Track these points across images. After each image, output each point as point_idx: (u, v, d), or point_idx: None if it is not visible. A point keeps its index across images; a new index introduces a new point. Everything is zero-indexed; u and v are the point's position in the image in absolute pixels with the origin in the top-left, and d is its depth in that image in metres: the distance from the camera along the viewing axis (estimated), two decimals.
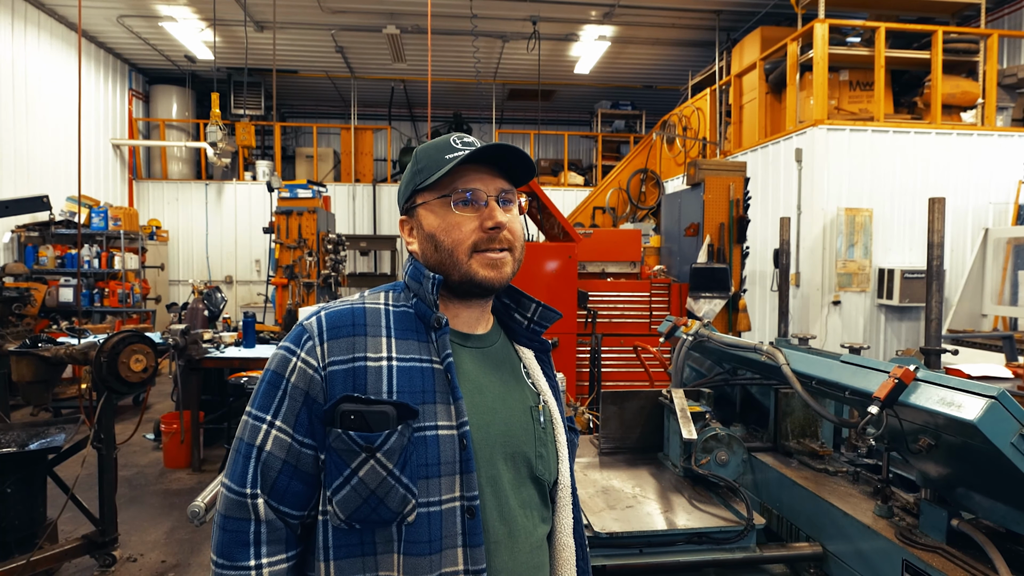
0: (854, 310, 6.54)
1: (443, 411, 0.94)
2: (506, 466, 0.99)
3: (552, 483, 1.07)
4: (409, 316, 1.01)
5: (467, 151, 0.98)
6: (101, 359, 3.38)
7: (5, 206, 3.44)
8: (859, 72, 7.16)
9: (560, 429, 1.09)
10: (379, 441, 0.90)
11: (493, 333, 1.10)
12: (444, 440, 0.93)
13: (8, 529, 3.28)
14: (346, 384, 0.93)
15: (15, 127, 8.42)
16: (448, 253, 1.00)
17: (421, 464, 0.91)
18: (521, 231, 1.05)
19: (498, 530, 0.96)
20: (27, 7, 8.64)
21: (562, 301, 4.95)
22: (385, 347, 0.96)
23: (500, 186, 1.02)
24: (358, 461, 0.90)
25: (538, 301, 1.11)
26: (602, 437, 2.39)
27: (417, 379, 0.95)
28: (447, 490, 0.92)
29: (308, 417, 0.94)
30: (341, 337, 0.95)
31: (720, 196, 5.31)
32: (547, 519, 1.06)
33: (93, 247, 9.06)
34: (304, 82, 12.33)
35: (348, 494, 0.90)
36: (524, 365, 1.11)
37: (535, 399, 1.07)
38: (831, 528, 1.87)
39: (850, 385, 1.70)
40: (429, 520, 0.91)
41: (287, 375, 0.95)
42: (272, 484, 0.93)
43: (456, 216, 1.00)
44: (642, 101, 13.02)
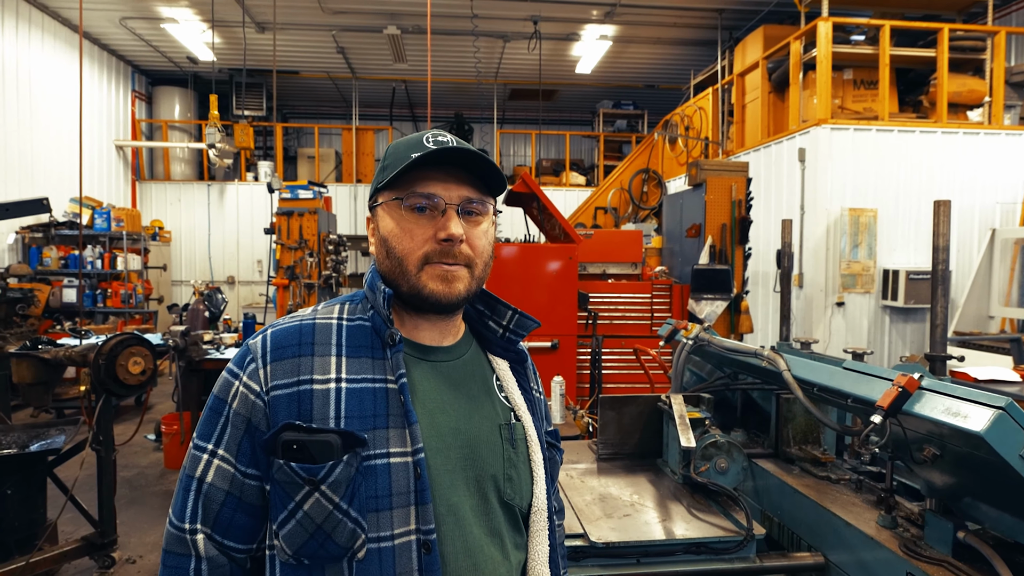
0: (858, 311, 6.49)
1: (396, 437, 0.86)
2: (469, 492, 0.91)
3: (526, 507, 0.97)
4: (365, 330, 0.94)
5: (427, 152, 0.89)
6: (99, 362, 3.37)
7: (5, 208, 3.43)
8: (863, 71, 7.11)
9: (535, 448, 0.99)
10: (323, 473, 0.82)
11: (462, 344, 1.02)
12: (396, 469, 0.85)
13: (8, 530, 3.27)
14: (290, 410, 0.85)
15: (19, 129, 8.43)
16: (398, 262, 0.92)
17: (371, 496, 0.84)
18: (486, 247, 0.95)
19: (461, 563, 0.87)
20: (31, 9, 8.65)
21: (562, 303, 4.92)
22: (334, 367, 0.89)
23: (464, 194, 0.92)
24: (302, 494, 0.83)
25: (515, 308, 1.04)
26: (600, 443, 2.36)
27: (368, 402, 0.87)
28: (400, 523, 0.84)
29: (251, 446, 0.87)
30: (285, 359, 0.88)
31: (722, 197, 5.27)
32: (521, 546, 0.97)
33: (96, 248, 9.07)
34: (305, 83, 12.32)
35: (294, 528, 0.84)
36: (497, 377, 1.03)
37: (506, 415, 0.99)
38: (833, 538, 1.84)
39: (853, 393, 1.67)
40: (380, 556, 0.83)
41: (229, 400, 0.89)
42: (215, 517, 0.88)
43: (409, 222, 0.91)
44: (644, 101, 12.98)
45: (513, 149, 14.78)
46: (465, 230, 0.92)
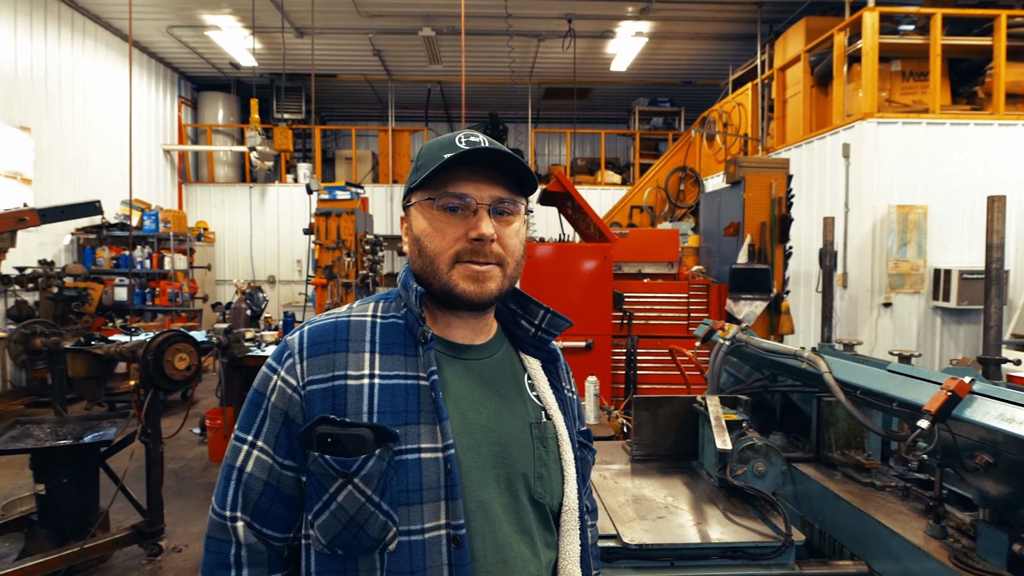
0: (906, 313, 6.26)
1: (427, 433, 0.88)
2: (499, 489, 0.91)
3: (557, 506, 0.98)
4: (398, 328, 0.95)
5: (459, 152, 0.90)
6: (148, 357, 3.49)
7: (61, 211, 3.60)
8: (913, 62, 6.85)
9: (566, 447, 0.99)
10: (355, 466, 0.84)
11: (494, 342, 1.03)
12: (427, 464, 0.86)
13: (64, 517, 3.43)
14: (325, 404, 0.88)
15: (75, 134, 8.80)
16: (429, 261, 0.93)
17: (402, 490, 0.85)
18: (517, 246, 0.96)
19: (490, 559, 0.88)
20: (85, 21, 9.02)
21: (597, 302, 4.88)
22: (368, 363, 0.91)
23: (496, 194, 0.93)
24: (336, 486, 0.85)
25: (547, 308, 1.03)
26: (634, 444, 2.33)
27: (400, 398, 0.89)
28: (431, 518, 0.86)
29: (288, 438, 0.90)
30: (321, 354, 0.91)
31: (761, 194, 5.15)
32: (551, 545, 0.97)
33: (145, 248, 9.41)
34: (343, 85, 12.53)
35: (328, 519, 0.86)
36: (528, 376, 1.03)
37: (537, 414, 0.99)
38: (878, 547, 1.78)
39: (899, 396, 1.61)
40: (411, 549, 0.85)
41: (268, 394, 0.92)
42: (254, 506, 0.90)
43: (441, 221, 0.93)
44: (681, 98, 12.78)
45: (548, 148, 14.75)
46: (496, 229, 0.92)
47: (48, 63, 8.27)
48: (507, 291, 0.97)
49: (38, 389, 6.86)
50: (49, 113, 8.29)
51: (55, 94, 8.42)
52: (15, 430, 3.58)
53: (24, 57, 7.83)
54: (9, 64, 7.58)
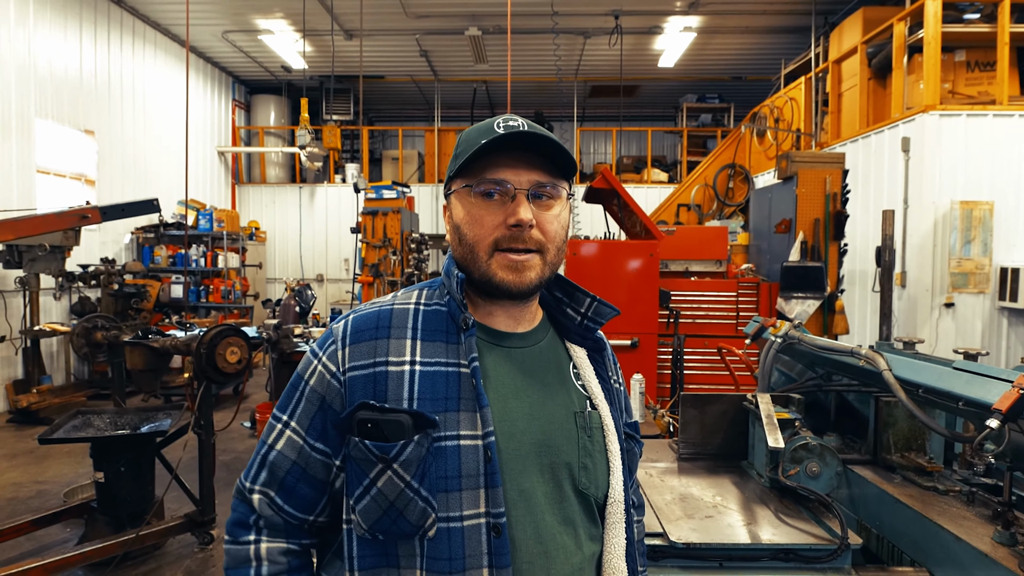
0: (970, 313, 5.96)
1: (467, 419, 0.87)
2: (542, 478, 0.90)
3: (602, 498, 0.95)
4: (441, 315, 0.95)
5: (494, 137, 0.88)
6: (201, 350, 3.61)
7: (121, 209, 3.77)
8: (978, 51, 6.51)
9: (612, 438, 0.97)
10: (394, 452, 0.84)
11: (539, 330, 1.01)
12: (467, 451, 0.85)
13: (121, 504, 3.57)
14: (366, 390, 0.88)
15: (135, 137, 9.21)
16: (469, 249, 0.92)
17: (441, 476, 0.85)
18: (558, 231, 0.94)
19: (532, 549, 0.87)
20: (145, 28, 9.43)
21: (643, 300, 4.80)
22: (409, 350, 0.90)
23: (535, 178, 0.91)
24: (376, 471, 0.85)
25: (593, 295, 1.01)
26: (681, 442, 2.27)
27: (441, 385, 0.88)
28: (470, 505, 0.85)
29: (323, 422, 0.91)
30: (363, 341, 0.91)
31: (815, 190, 4.97)
32: (596, 537, 0.95)
33: (200, 247, 9.76)
34: (390, 86, 12.73)
35: (368, 504, 0.86)
36: (574, 365, 1.01)
37: (582, 403, 0.97)
38: (940, 553, 1.68)
39: (964, 395, 1.52)
40: (450, 537, 0.84)
41: (307, 377, 0.93)
42: (280, 483, 0.92)
43: (480, 209, 0.91)
44: (730, 93, 12.49)
45: (593, 147, 14.64)
46: (536, 215, 0.90)
47: (111, 69, 8.68)
48: (548, 279, 0.95)
49: (99, 382, 7.19)
50: (111, 117, 8.69)
51: (117, 98, 8.82)
52: (77, 419, 3.75)
53: (88, 63, 8.23)
54: (75, 70, 7.97)
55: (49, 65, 7.50)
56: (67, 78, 7.82)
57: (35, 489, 4.63)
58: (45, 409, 6.37)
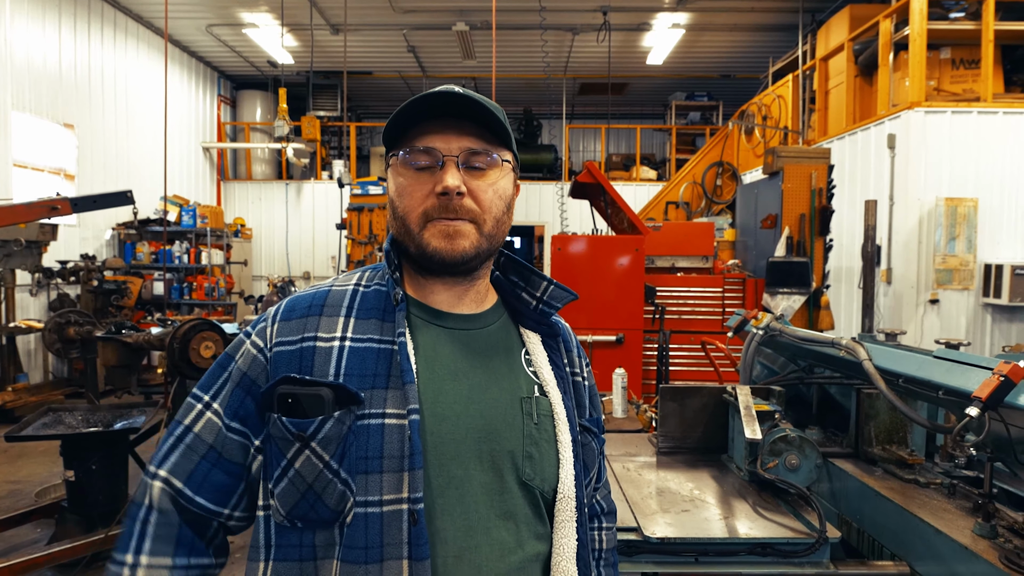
0: (955, 310, 5.97)
1: (395, 398, 0.81)
2: (480, 467, 0.83)
3: (550, 492, 0.88)
4: (380, 294, 0.90)
5: (416, 99, 0.84)
6: (174, 345, 3.53)
7: (93, 200, 3.68)
8: (963, 49, 6.53)
9: (563, 427, 0.90)
10: (312, 428, 0.79)
11: (490, 313, 0.96)
12: (391, 430, 0.79)
13: (92, 504, 3.49)
14: (291, 365, 0.83)
15: (116, 132, 9.06)
16: (402, 221, 0.88)
17: (361, 457, 0.78)
18: (493, 200, 0.88)
19: (460, 543, 0.80)
20: (127, 20, 9.29)
21: (628, 296, 4.76)
22: (340, 327, 0.86)
23: (466, 145, 0.86)
24: (293, 451, 0.79)
25: (550, 279, 0.97)
26: (661, 436, 2.23)
27: (371, 361, 0.83)
28: (391, 489, 0.78)
29: (241, 399, 0.85)
30: (294, 319, 0.87)
31: (800, 185, 4.96)
32: (543, 537, 0.87)
33: (183, 244, 9.62)
34: (378, 82, 12.63)
35: (286, 487, 0.80)
36: (527, 352, 0.95)
37: (530, 389, 0.91)
38: (921, 547, 1.65)
39: (945, 384, 1.48)
40: (367, 522, 0.77)
41: (235, 356, 0.88)
42: (192, 469, 0.84)
43: (410, 178, 0.87)
44: (719, 91, 12.50)
45: (582, 144, 14.61)
46: (468, 183, 0.85)
47: (91, 61, 8.53)
48: (487, 250, 0.89)
49: (78, 380, 7.05)
50: (92, 111, 8.55)
51: (98, 92, 8.68)
52: (47, 417, 3.66)
53: (68, 56, 8.08)
54: (53, 63, 7.83)
55: (27, 56, 7.35)
56: (45, 70, 7.67)
57: (7, 488, 4.53)
58: (21, 408, 6.23)
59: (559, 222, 11.16)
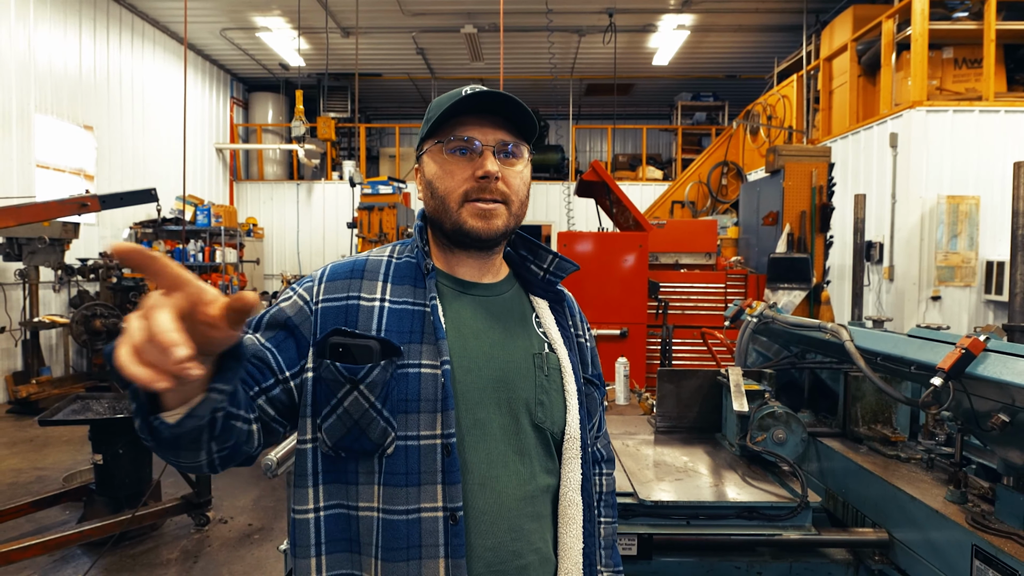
0: (956, 306, 6.05)
1: (428, 351, 0.95)
2: (499, 411, 0.98)
3: (559, 434, 1.03)
4: (411, 265, 1.04)
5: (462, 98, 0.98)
6: None
7: (120, 197, 3.85)
8: (966, 48, 6.61)
9: (569, 379, 1.05)
10: (362, 374, 0.92)
11: (504, 283, 1.10)
12: (426, 378, 0.94)
13: (119, 486, 3.66)
14: (338, 319, 0.96)
15: (133, 133, 9.29)
16: (441, 200, 1.01)
17: (401, 399, 0.93)
18: (520, 186, 1.03)
19: (483, 472, 0.95)
20: (144, 25, 9.51)
21: (632, 291, 4.89)
22: (379, 290, 1.00)
23: (500, 137, 1.00)
24: (343, 391, 0.93)
25: (555, 252, 1.11)
26: (658, 415, 2.36)
27: (407, 320, 0.97)
28: (426, 427, 0.93)
29: (283, 337, 0.95)
30: (338, 279, 1.00)
31: (801, 183, 5.07)
32: (552, 472, 1.02)
33: (198, 242, 9.83)
34: (387, 84, 12.81)
35: (334, 423, 0.93)
36: (536, 315, 1.10)
37: (541, 346, 1.06)
38: (898, 514, 1.77)
39: (916, 359, 1.61)
40: (407, 453, 0.92)
41: (280, 303, 1.00)
42: None
43: (450, 164, 1.00)
44: (724, 92, 12.60)
45: (589, 145, 14.73)
46: (501, 170, 1.00)
47: (110, 65, 8.76)
48: (512, 229, 1.04)
49: (98, 374, 7.25)
50: (110, 113, 8.77)
51: (116, 95, 8.90)
52: (76, 404, 3.83)
53: (88, 60, 8.31)
54: (74, 66, 8.05)
55: (49, 61, 7.58)
56: (67, 74, 7.90)
57: (35, 475, 4.72)
58: (44, 400, 6.44)
59: (566, 221, 11.30)
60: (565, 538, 1.01)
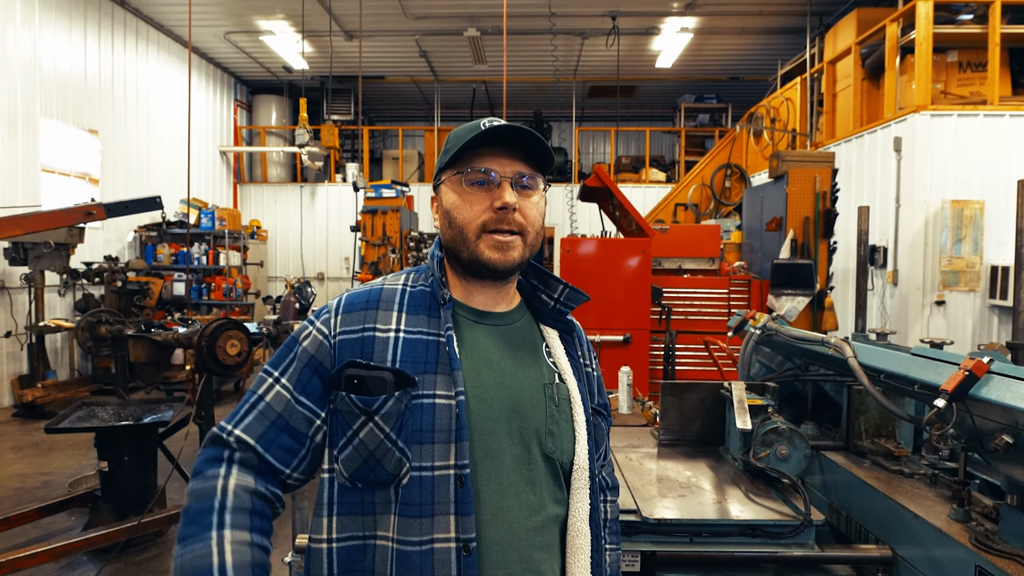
0: (961, 311, 6.04)
1: (443, 381, 0.97)
2: (511, 441, 0.99)
3: (568, 464, 1.04)
4: (425, 294, 1.05)
5: (482, 132, 1.00)
6: (202, 343, 3.71)
7: (125, 206, 3.88)
8: (970, 52, 6.59)
9: (578, 409, 1.06)
10: (376, 405, 0.94)
11: (516, 312, 1.11)
12: (440, 409, 0.95)
13: (124, 493, 3.67)
14: (354, 351, 0.98)
15: (138, 137, 9.32)
16: (459, 231, 1.02)
17: (416, 430, 0.94)
18: (536, 217, 1.04)
19: (495, 503, 0.96)
20: (149, 28, 9.54)
21: (635, 297, 4.89)
22: (395, 321, 1.01)
23: (517, 169, 1.02)
24: (359, 423, 0.95)
25: (565, 283, 1.12)
26: (661, 428, 2.36)
27: (421, 350, 0.99)
28: (440, 457, 0.94)
29: (308, 377, 0.99)
30: (355, 311, 1.02)
31: (805, 188, 5.06)
32: (561, 501, 1.03)
33: (202, 245, 9.86)
34: (391, 87, 12.83)
35: (350, 454, 0.96)
36: (547, 345, 1.11)
37: (552, 377, 1.07)
38: (901, 531, 1.77)
39: (919, 379, 1.61)
40: (421, 484, 0.93)
41: (300, 340, 1.02)
42: (263, 431, 0.97)
43: (469, 195, 1.02)
44: (728, 94, 12.58)
45: (592, 147, 14.73)
46: (518, 201, 1.01)
47: (115, 69, 8.79)
48: (527, 259, 1.06)
49: (103, 378, 7.28)
50: (115, 116, 8.80)
51: (120, 98, 8.93)
52: (81, 411, 3.85)
53: (93, 64, 8.34)
54: (79, 70, 8.08)
55: (54, 65, 7.61)
56: (71, 78, 7.93)
57: (41, 480, 4.74)
58: (50, 404, 6.48)
59: (569, 224, 11.30)
60: (573, 568, 1.02)
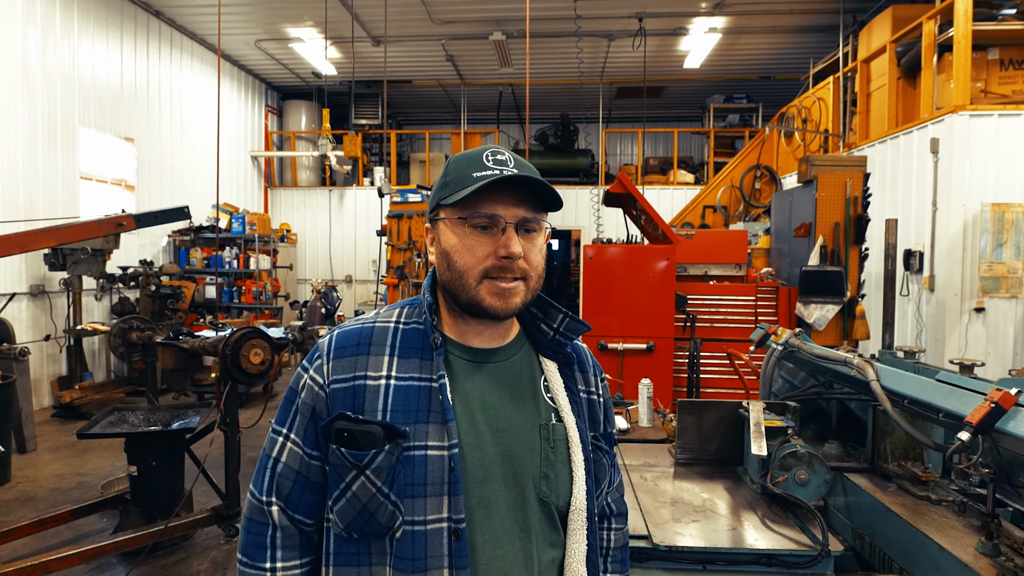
0: (1002, 319, 5.81)
1: (435, 432, 0.94)
2: (505, 487, 0.97)
3: (564, 506, 1.01)
4: (418, 333, 1.02)
5: (492, 175, 0.95)
6: (226, 352, 3.77)
7: (154, 216, 3.98)
8: (1013, 49, 6.34)
9: (576, 449, 1.02)
10: (367, 459, 0.93)
11: (513, 344, 1.07)
12: (432, 461, 0.93)
13: (153, 497, 3.76)
14: (345, 402, 0.96)
15: (171, 144, 9.55)
16: (459, 275, 0.98)
17: (408, 483, 0.92)
18: (539, 261, 1.01)
19: (489, 552, 0.94)
20: (183, 38, 9.77)
21: (659, 304, 4.83)
22: (386, 366, 0.98)
23: (522, 214, 0.97)
24: (351, 476, 0.94)
25: (566, 312, 1.07)
26: (678, 447, 2.32)
27: (413, 398, 0.96)
28: (433, 510, 0.92)
29: (315, 431, 0.99)
30: (345, 356, 0.99)
31: (835, 193, 4.93)
32: (557, 544, 1.01)
33: (233, 249, 10.06)
34: (417, 91, 12.90)
35: (344, 506, 0.95)
36: (545, 379, 1.07)
37: (548, 416, 1.03)
38: (926, 562, 1.71)
39: (943, 407, 1.54)
40: (414, 538, 0.92)
41: (299, 391, 1.01)
42: (287, 494, 1.00)
43: (472, 239, 0.97)
44: (758, 93, 12.33)
45: (619, 148, 14.61)
46: (521, 245, 0.97)
47: (150, 78, 9.02)
48: (528, 303, 1.02)
49: (137, 379, 7.48)
50: (150, 124, 9.03)
51: (155, 106, 9.16)
52: (112, 416, 3.95)
53: (128, 73, 8.57)
54: (116, 80, 8.32)
55: (92, 75, 7.84)
56: (108, 87, 8.16)
57: (76, 480, 4.89)
58: (87, 404, 6.68)
59: (595, 226, 11.22)
60: None
